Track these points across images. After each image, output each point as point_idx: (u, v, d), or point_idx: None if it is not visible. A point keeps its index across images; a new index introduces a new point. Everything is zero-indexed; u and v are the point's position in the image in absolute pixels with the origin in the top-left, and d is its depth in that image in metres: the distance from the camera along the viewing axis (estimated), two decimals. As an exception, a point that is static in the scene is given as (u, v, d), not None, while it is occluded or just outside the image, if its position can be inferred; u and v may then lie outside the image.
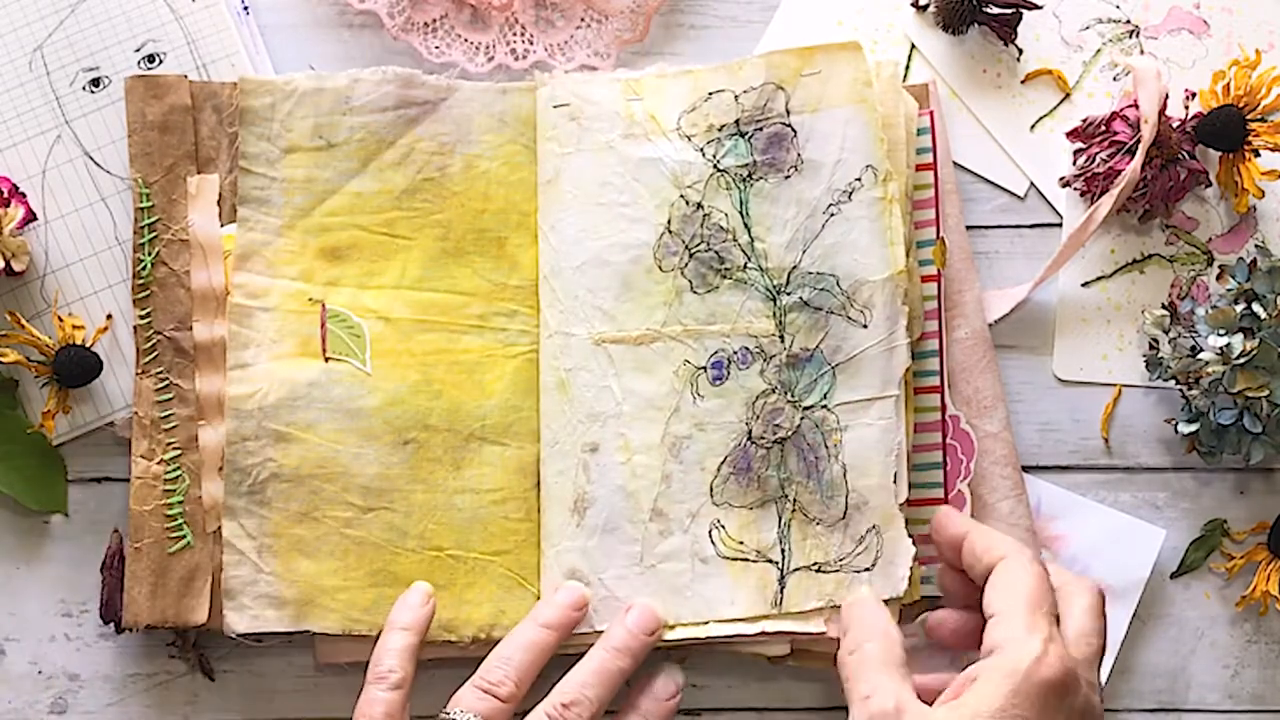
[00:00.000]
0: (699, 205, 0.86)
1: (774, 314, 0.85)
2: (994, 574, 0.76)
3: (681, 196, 0.86)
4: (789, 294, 0.85)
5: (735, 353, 0.85)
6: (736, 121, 0.86)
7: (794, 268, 0.85)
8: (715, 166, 0.86)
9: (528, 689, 0.81)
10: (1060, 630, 0.74)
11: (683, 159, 0.86)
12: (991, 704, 0.71)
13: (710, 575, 0.84)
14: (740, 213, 0.85)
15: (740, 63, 0.86)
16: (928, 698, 0.74)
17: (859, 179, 0.84)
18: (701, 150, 0.86)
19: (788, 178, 0.85)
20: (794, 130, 0.85)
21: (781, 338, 0.85)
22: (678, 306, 0.85)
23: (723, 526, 0.84)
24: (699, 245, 0.85)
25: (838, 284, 0.84)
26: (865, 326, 0.84)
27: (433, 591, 0.84)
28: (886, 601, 0.81)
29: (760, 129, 0.86)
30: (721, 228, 0.85)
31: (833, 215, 0.84)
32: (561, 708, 0.79)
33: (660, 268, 0.86)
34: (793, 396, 0.84)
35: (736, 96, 0.86)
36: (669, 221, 0.86)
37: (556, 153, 0.87)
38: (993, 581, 0.76)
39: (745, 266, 0.85)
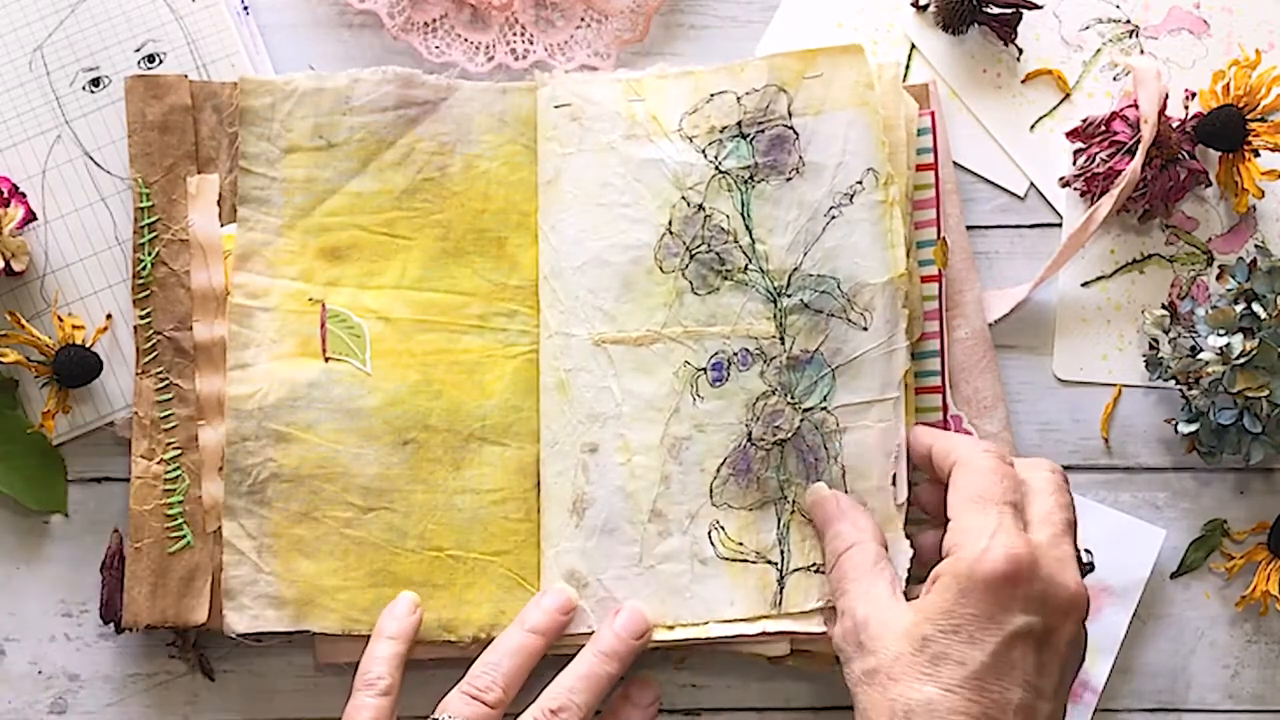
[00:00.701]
0: (700, 207, 0.86)
1: (774, 316, 0.85)
2: (950, 478, 0.78)
3: (683, 198, 0.86)
4: (789, 296, 0.85)
5: (735, 354, 0.85)
6: (738, 123, 0.86)
7: (795, 270, 0.85)
8: (717, 168, 0.86)
9: (515, 693, 0.81)
10: (1027, 515, 0.76)
11: (684, 160, 0.86)
12: (941, 606, 0.73)
13: (709, 576, 0.84)
14: (742, 214, 0.85)
15: (742, 64, 0.86)
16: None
17: (860, 182, 0.84)
18: (703, 152, 0.86)
19: (789, 180, 0.85)
20: (796, 133, 0.85)
21: (782, 339, 0.84)
22: (678, 308, 0.85)
23: (722, 528, 0.84)
24: (700, 246, 0.85)
25: (838, 286, 0.84)
26: (865, 329, 0.83)
27: (419, 601, 0.84)
28: None
29: (762, 131, 0.86)
30: (723, 229, 0.85)
31: (834, 218, 0.84)
32: (549, 713, 0.79)
33: (661, 269, 0.86)
34: (793, 398, 0.84)
35: (739, 98, 0.86)
36: (670, 222, 0.86)
37: (557, 153, 0.87)
38: (950, 486, 0.78)
39: (746, 268, 0.85)
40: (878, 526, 0.81)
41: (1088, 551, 0.79)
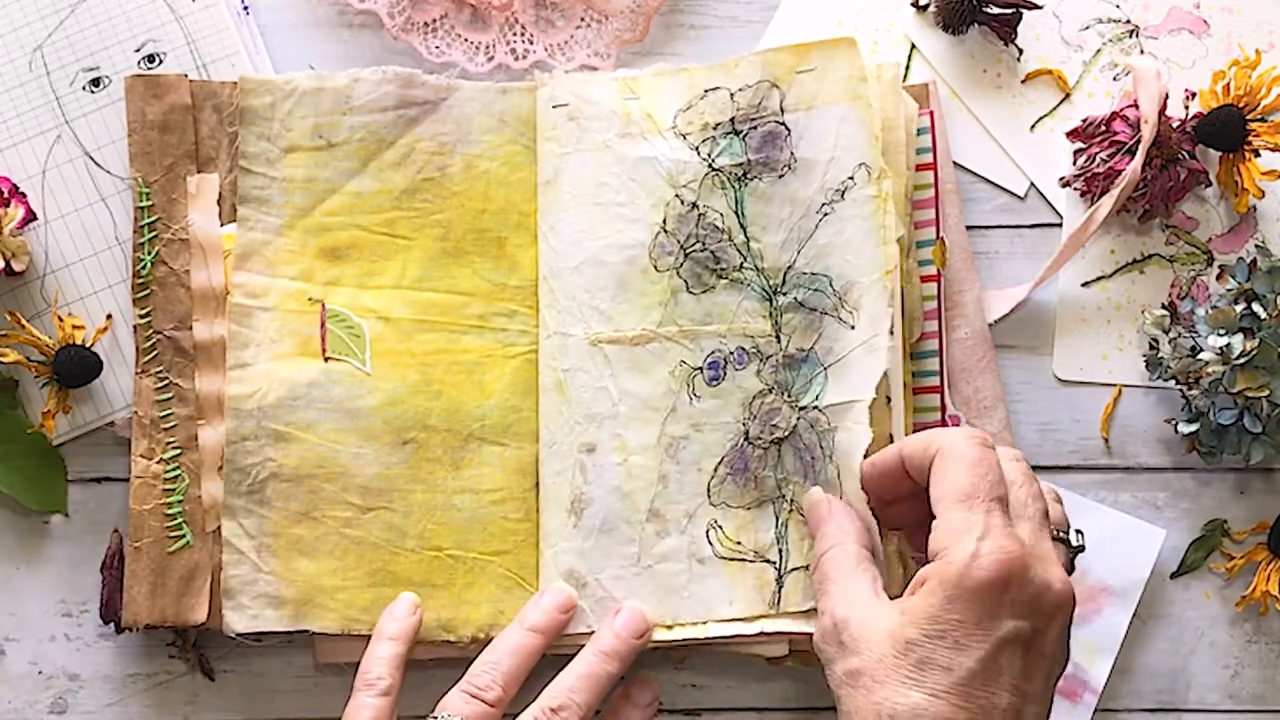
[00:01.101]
0: (694, 205, 0.85)
1: (770, 314, 0.84)
2: (931, 470, 0.75)
3: (677, 196, 0.86)
4: (784, 294, 0.84)
5: (732, 353, 0.85)
6: (732, 120, 0.86)
7: (789, 268, 0.84)
8: (710, 165, 0.85)
9: (515, 692, 0.81)
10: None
11: (678, 158, 0.86)
12: (927, 611, 0.71)
13: (707, 576, 0.84)
14: (735, 212, 0.85)
15: (736, 60, 0.86)
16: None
17: (851, 177, 0.83)
18: (696, 149, 0.86)
19: (781, 177, 0.85)
20: (788, 129, 0.85)
21: (778, 338, 0.84)
22: (673, 307, 0.85)
23: (720, 527, 0.84)
24: (694, 245, 0.85)
25: (830, 284, 0.83)
26: (853, 328, 0.83)
27: (419, 602, 0.84)
28: None
29: (755, 127, 0.85)
30: (717, 227, 0.85)
31: (826, 215, 0.84)
32: (549, 711, 0.79)
33: (656, 268, 0.85)
34: (789, 396, 0.84)
35: (732, 94, 0.86)
36: (664, 221, 0.86)
37: (556, 153, 0.87)
38: (931, 479, 0.75)
39: (741, 266, 0.85)
40: (864, 529, 0.79)
41: (1079, 533, 0.78)
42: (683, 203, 0.85)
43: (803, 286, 0.84)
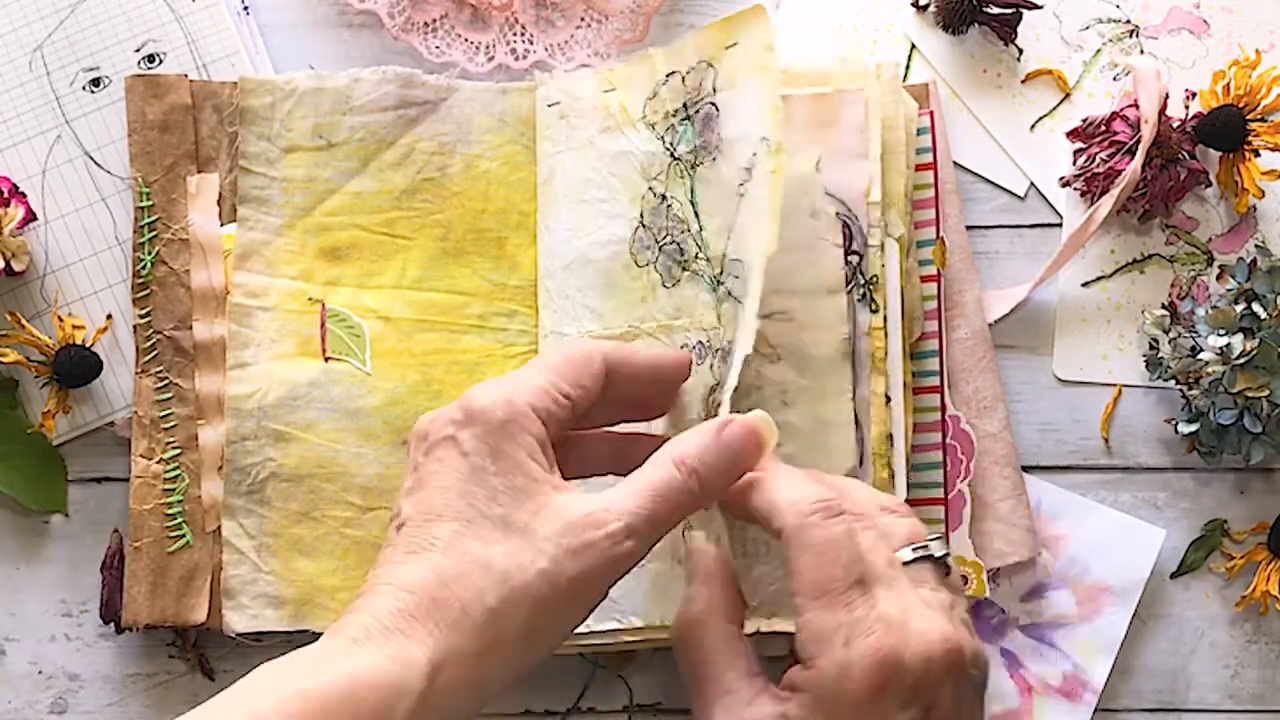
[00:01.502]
0: (663, 196, 0.84)
1: (715, 305, 0.81)
2: (785, 559, 0.68)
3: (649, 188, 0.84)
4: (723, 283, 0.80)
5: (694, 347, 0.81)
6: (684, 105, 0.83)
7: (724, 255, 0.80)
8: (672, 155, 0.84)
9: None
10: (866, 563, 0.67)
11: (648, 149, 0.84)
12: None
13: (679, 577, 0.80)
14: (690, 201, 0.83)
15: (683, 42, 0.83)
16: None
17: (755, 153, 0.79)
18: (662, 139, 0.84)
19: (714, 160, 0.81)
20: (717, 109, 0.81)
21: (721, 329, 0.80)
22: (652, 302, 0.83)
23: (692, 526, 0.79)
24: (665, 238, 0.83)
25: (743, 268, 0.78)
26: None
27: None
28: None
29: (698, 111, 0.83)
30: (679, 218, 0.83)
31: (742, 195, 0.79)
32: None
33: (636, 263, 0.84)
34: (723, 391, 0.77)
35: (683, 78, 0.83)
36: (641, 215, 0.84)
37: (550, 152, 0.87)
38: (785, 567, 0.68)
39: (696, 257, 0.82)
40: (734, 596, 0.72)
41: (939, 540, 0.69)
42: (654, 195, 0.84)
43: (731, 274, 0.79)
